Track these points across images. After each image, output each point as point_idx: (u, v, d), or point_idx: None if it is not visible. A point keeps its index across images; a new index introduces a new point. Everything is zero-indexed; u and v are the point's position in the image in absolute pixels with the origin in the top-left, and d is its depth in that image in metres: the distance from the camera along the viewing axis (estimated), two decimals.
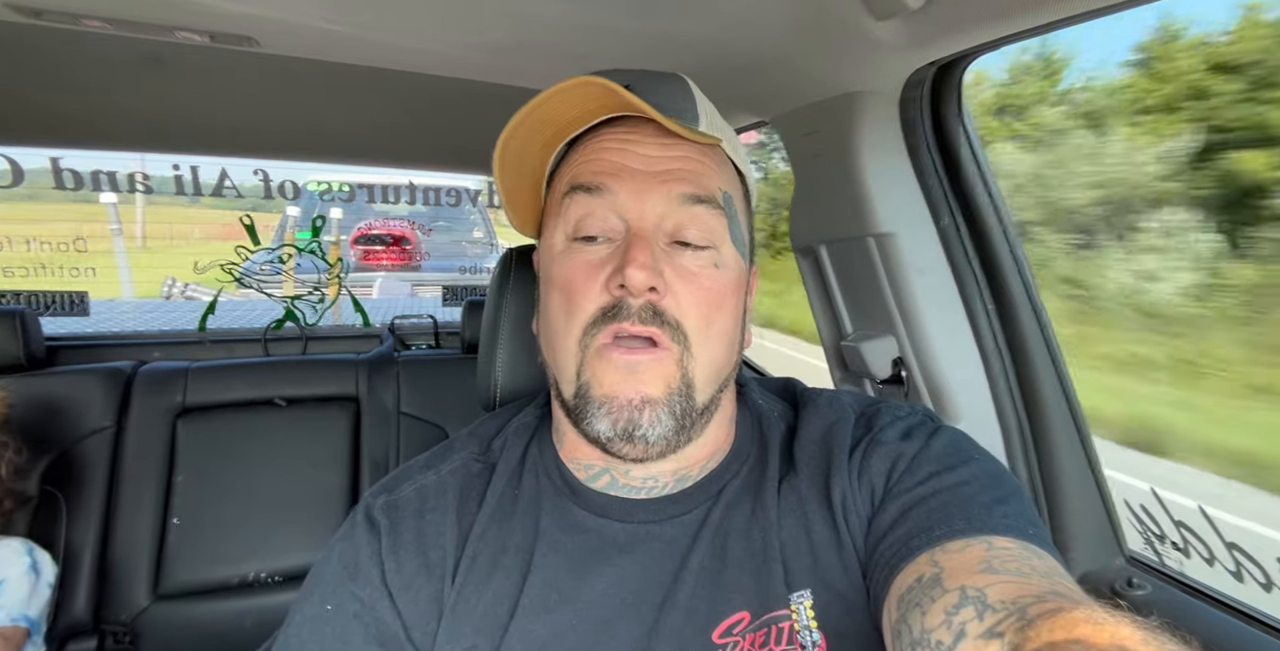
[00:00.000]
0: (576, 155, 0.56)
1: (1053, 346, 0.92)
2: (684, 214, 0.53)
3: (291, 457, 1.66)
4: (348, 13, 0.84)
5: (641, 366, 0.51)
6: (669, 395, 0.51)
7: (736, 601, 0.52)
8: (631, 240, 0.51)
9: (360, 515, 0.58)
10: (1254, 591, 0.80)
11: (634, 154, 0.54)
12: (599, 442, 0.52)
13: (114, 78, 1.22)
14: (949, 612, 0.40)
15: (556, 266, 0.55)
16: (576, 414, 0.53)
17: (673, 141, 0.54)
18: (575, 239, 0.54)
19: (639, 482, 0.57)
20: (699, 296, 0.53)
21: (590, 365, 0.52)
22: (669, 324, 0.51)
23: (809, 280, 1.15)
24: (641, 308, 0.50)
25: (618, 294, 0.51)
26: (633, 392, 0.50)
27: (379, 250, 4.75)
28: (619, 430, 0.51)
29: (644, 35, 0.87)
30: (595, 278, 0.52)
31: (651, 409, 0.51)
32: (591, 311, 0.52)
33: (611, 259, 0.52)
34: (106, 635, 1.46)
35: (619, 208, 0.53)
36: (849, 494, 0.54)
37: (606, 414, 0.51)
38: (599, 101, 0.52)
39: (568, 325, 0.53)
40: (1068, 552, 0.89)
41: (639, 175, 0.53)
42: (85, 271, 2.55)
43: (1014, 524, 0.47)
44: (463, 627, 0.52)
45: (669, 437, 0.51)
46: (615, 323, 0.50)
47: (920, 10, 0.69)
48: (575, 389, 0.53)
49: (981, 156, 0.93)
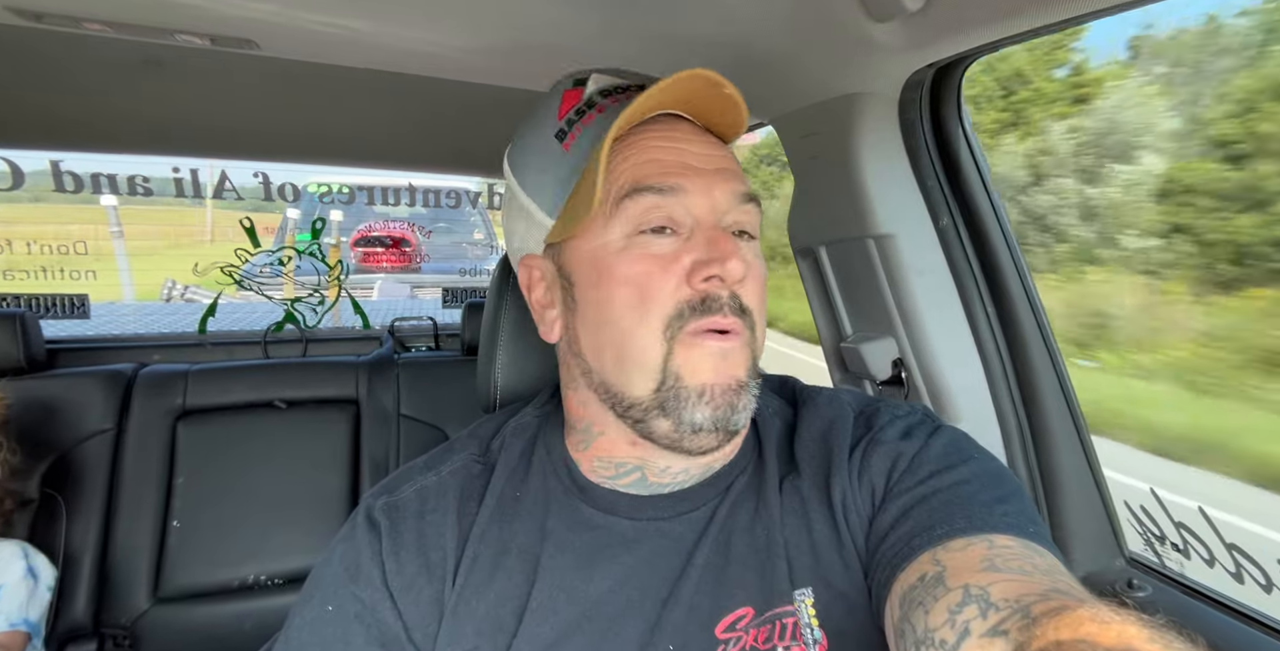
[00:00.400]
0: (624, 154, 0.54)
1: (1052, 347, 0.92)
2: (741, 211, 0.55)
3: (291, 460, 1.66)
4: (347, 15, 0.84)
5: (733, 352, 0.52)
6: (750, 377, 0.53)
7: (740, 597, 0.52)
8: (712, 233, 0.52)
9: (361, 516, 0.58)
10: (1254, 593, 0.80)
11: (690, 152, 0.54)
12: (672, 435, 0.52)
13: (114, 80, 1.22)
14: (952, 611, 0.40)
15: (620, 262, 0.52)
16: (660, 407, 0.52)
17: (712, 140, 0.56)
18: (639, 232, 0.52)
19: (670, 478, 0.57)
20: (758, 285, 0.55)
21: (680, 355, 0.51)
22: (745, 311, 0.53)
23: (808, 281, 1.15)
24: (731, 298, 0.51)
25: (703, 287, 0.51)
26: (729, 378, 0.51)
27: (379, 252, 4.75)
28: (718, 416, 0.51)
29: (642, 37, 0.88)
30: (671, 270, 0.51)
31: (744, 393, 0.52)
32: (672, 305, 0.51)
33: (688, 250, 0.52)
34: (106, 638, 1.45)
35: (687, 205, 0.53)
36: (849, 493, 0.54)
37: (708, 402, 0.51)
38: (682, 93, 0.53)
39: (643, 320, 0.51)
40: (1068, 554, 0.89)
41: (703, 173, 0.53)
42: (86, 274, 2.55)
43: (1015, 522, 0.48)
44: (464, 629, 0.52)
45: (745, 421, 0.53)
46: (707, 316, 0.50)
47: (919, 12, 0.69)
48: (660, 382, 0.51)
49: (980, 157, 0.93)
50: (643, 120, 0.56)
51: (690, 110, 0.56)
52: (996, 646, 0.36)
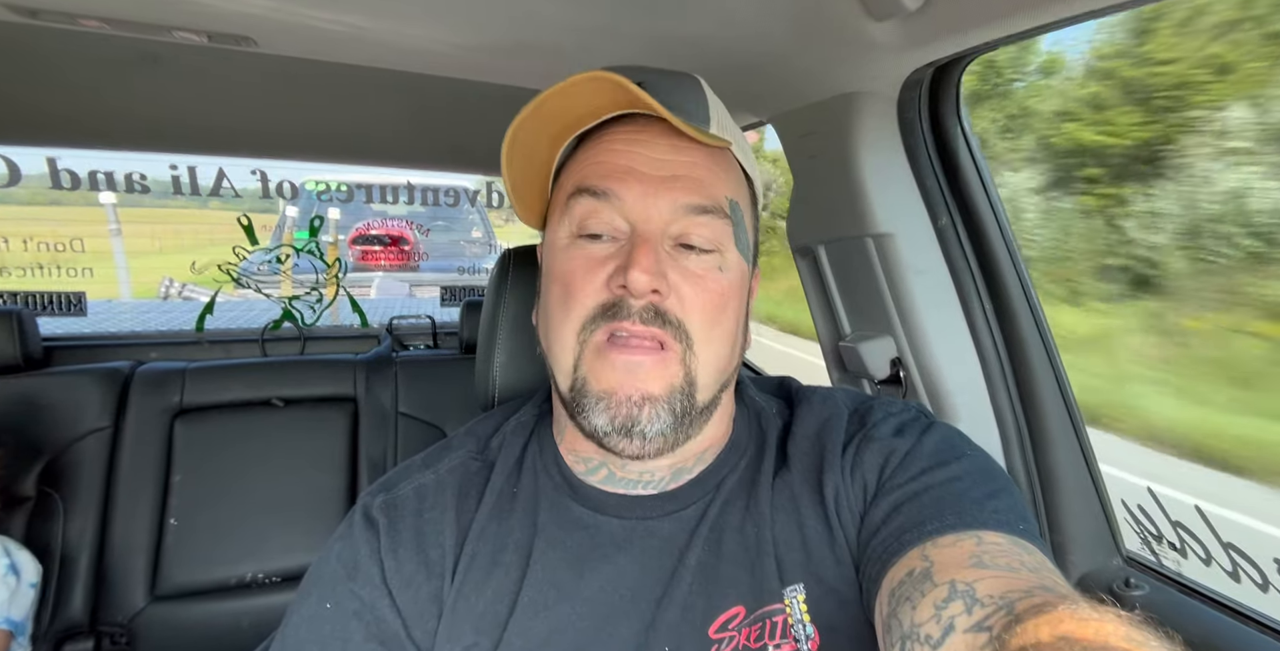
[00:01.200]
0: (584, 153, 0.56)
1: (1050, 346, 0.92)
2: (689, 222, 0.53)
3: (289, 458, 1.66)
4: (346, 12, 0.84)
5: (643, 367, 0.51)
6: (670, 393, 0.51)
7: (732, 596, 0.52)
8: (636, 242, 0.51)
9: (358, 514, 0.58)
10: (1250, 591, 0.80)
11: (642, 156, 0.53)
12: (595, 436, 0.52)
13: (111, 78, 1.22)
14: (938, 606, 0.40)
15: (559, 260, 0.55)
16: (573, 406, 0.53)
17: (683, 144, 0.54)
18: (579, 235, 0.54)
19: (636, 476, 0.57)
20: (704, 298, 0.53)
21: (588, 362, 0.52)
22: (671, 324, 0.51)
23: (807, 280, 1.15)
24: (643, 308, 0.51)
25: (619, 293, 0.51)
26: (632, 389, 0.51)
27: (377, 250, 4.74)
28: (616, 425, 0.51)
29: (642, 35, 0.87)
30: (596, 273, 0.52)
31: (651, 406, 0.51)
32: (590, 306, 0.52)
33: (615, 257, 0.52)
34: (103, 636, 1.45)
35: (625, 211, 0.53)
36: (841, 489, 0.54)
37: (605, 409, 0.51)
38: (609, 97, 0.52)
39: (565, 318, 0.53)
40: (1065, 553, 0.89)
41: (646, 179, 0.53)
42: (83, 271, 2.54)
43: (1004, 519, 0.48)
44: (463, 625, 0.52)
45: (667, 434, 0.52)
46: (615, 321, 0.51)
47: (918, 11, 0.69)
48: (572, 382, 0.53)
49: (979, 157, 0.93)
50: (620, 115, 0.56)
51: (639, 107, 0.54)
52: (980, 642, 0.37)
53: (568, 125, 0.56)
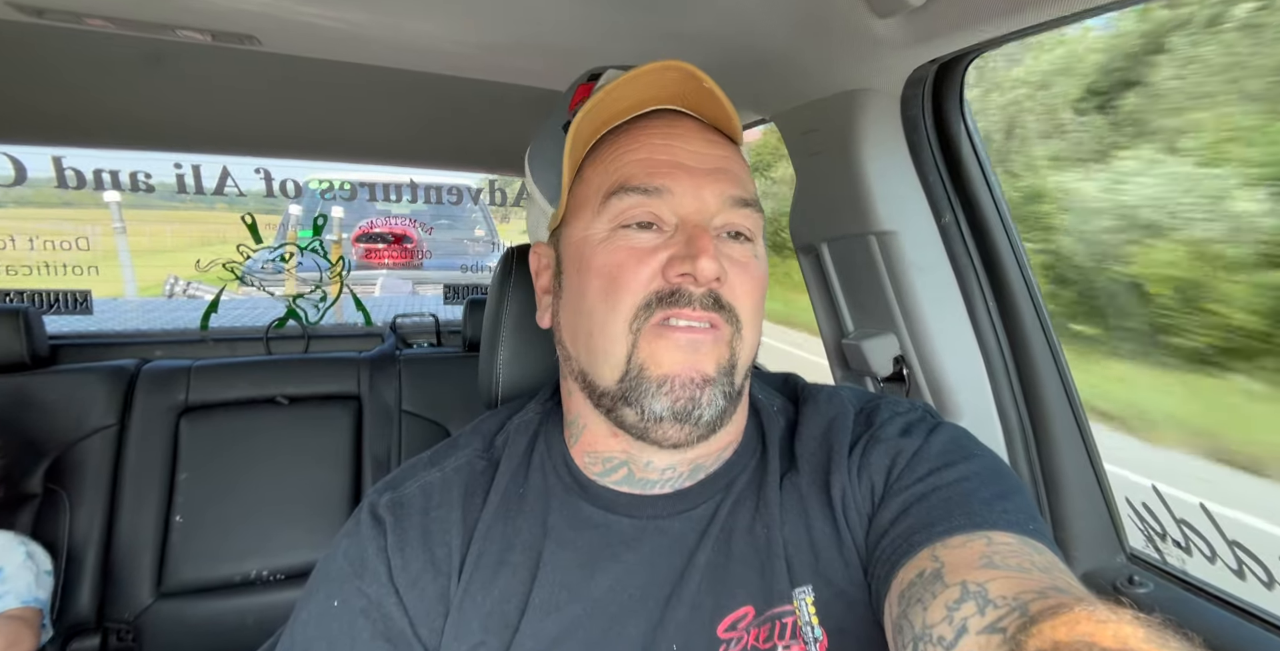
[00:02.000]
0: (618, 150, 0.55)
1: (1054, 344, 0.91)
2: (733, 213, 0.54)
3: (294, 456, 1.66)
4: (349, 11, 0.84)
5: (704, 345, 0.51)
6: (720, 374, 0.52)
7: (741, 596, 0.52)
8: (694, 231, 0.52)
9: (365, 512, 0.58)
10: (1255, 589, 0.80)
11: (684, 150, 0.54)
12: (639, 426, 0.52)
13: (116, 77, 1.22)
14: (950, 608, 0.40)
15: (600, 253, 0.54)
16: (623, 397, 0.52)
17: (714, 138, 0.56)
18: (622, 226, 0.53)
19: (656, 474, 0.57)
20: (750, 284, 0.54)
21: (646, 345, 0.51)
22: (725, 308, 0.52)
23: (810, 278, 1.15)
24: (704, 295, 0.51)
25: (677, 281, 0.51)
26: (694, 371, 0.51)
27: (381, 248, 4.74)
28: (677, 409, 0.51)
29: (645, 33, 0.87)
30: (647, 262, 0.52)
31: (710, 388, 0.51)
32: (642, 295, 0.52)
33: (667, 246, 0.52)
34: (110, 633, 1.46)
35: (675, 204, 0.53)
36: (849, 491, 0.54)
37: (667, 392, 0.51)
38: (654, 90, 0.53)
39: (612, 309, 0.52)
40: (1069, 551, 0.89)
41: (693, 171, 0.53)
42: (88, 270, 2.55)
43: (1014, 519, 0.48)
44: (470, 624, 0.52)
45: (716, 419, 0.52)
46: (674, 307, 0.51)
47: (922, 8, 0.69)
48: (624, 371, 0.52)
49: (983, 154, 0.93)
50: (640, 114, 0.56)
51: (689, 106, 0.56)
52: (994, 643, 0.37)
53: (605, 121, 0.56)
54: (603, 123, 0.56)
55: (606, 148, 0.56)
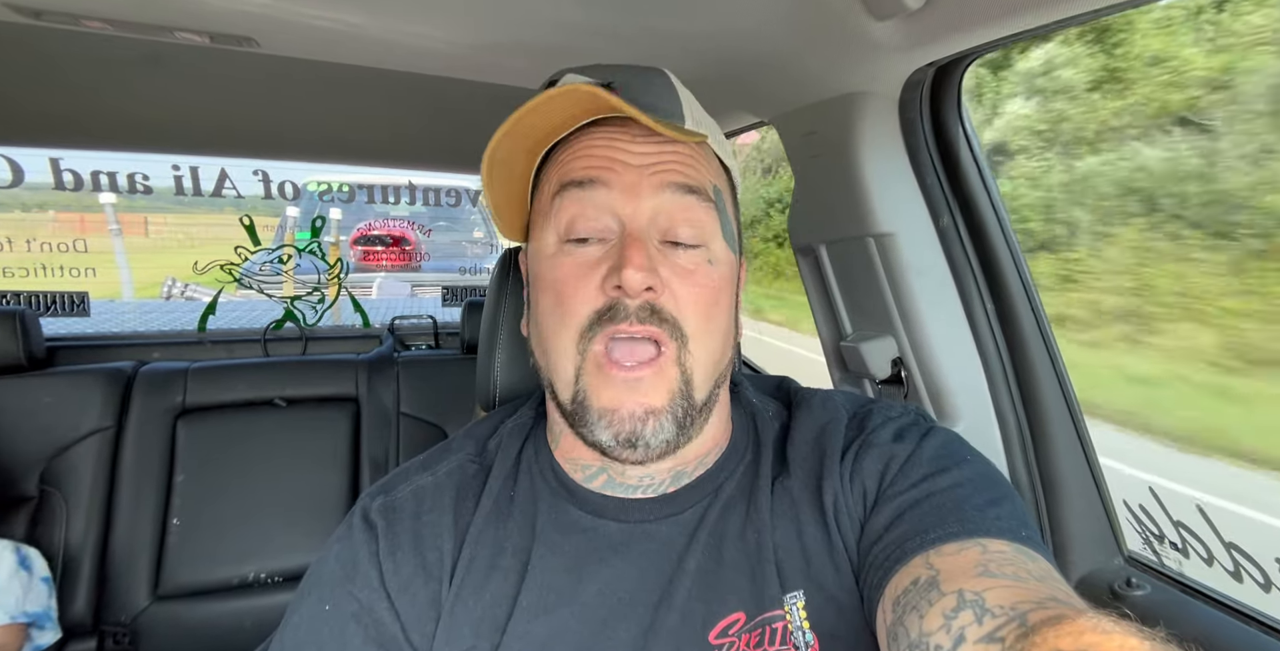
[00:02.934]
0: (562, 155, 0.56)
1: (1052, 346, 0.92)
2: (676, 206, 0.53)
3: (291, 458, 1.66)
4: (347, 13, 0.84)
5: (644, 382, 0.51)
6: (671, 401, 0.51)
7: (732, 602, 0.52)
8: (626, 240, 0.51)
9: (357, 516, 0.58)
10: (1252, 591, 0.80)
11: (623, 149, 0.53)
12: (596, 447, 0.52)
13: (114, 78, 1.22)
14: (947, 616, 0.40)
15: (548, 268, 0.54)
16: (574, 419, 0.53)
17: (662, 138, 0.54)
18: (567, 240, 0.53)
19: (635, 481, 0.57)
20: (695, 293, 0.53)
21: (589, 377, 0.51)
22: (667, 321, 0.51)
23: (808, 280, 1.15)
24: (639, 307, 0.50)
25: (613, 294, 0.51)
26: (635, 405, 0.50)
27: (379, 251, 4.74)
28: (620, 439, 0.51)
29: (643, 35, 0.88)
30: (589, 279, 0.52)
31: (655, 418, 0.51)
32: (586, 314, 0.51)
33: (605, 259, 0.52)
34: (106, 635, 1.46)
35: (612, 204, 0.52)
36: (841, 496, 0.54)
37: (608, 425, 0.51)
38: (583, 106, 0.52)
39: (561, 328, 0.52)
40: (1067, 553, 0.89)
41: (631, 169, 0.53)
42: (85, 271, 2.54)
43: (1007, 526, 0.48)
44: (461, 629, 0.52)
45: (670, 441, 0.51)
46: (613, 324, 0.50)
47: (920, 11, 0.69)
48: (572, 395, 0.52)
49: (981, 156, 0.93)
50: (596, 120, 0.56)
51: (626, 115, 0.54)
52: None
53: (542, 138, 0.56)
54: (537, 142, 0.56)
55: (556, 155, 0.57)
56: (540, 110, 0.51)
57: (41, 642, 1.27)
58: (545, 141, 0.57)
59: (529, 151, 0.56)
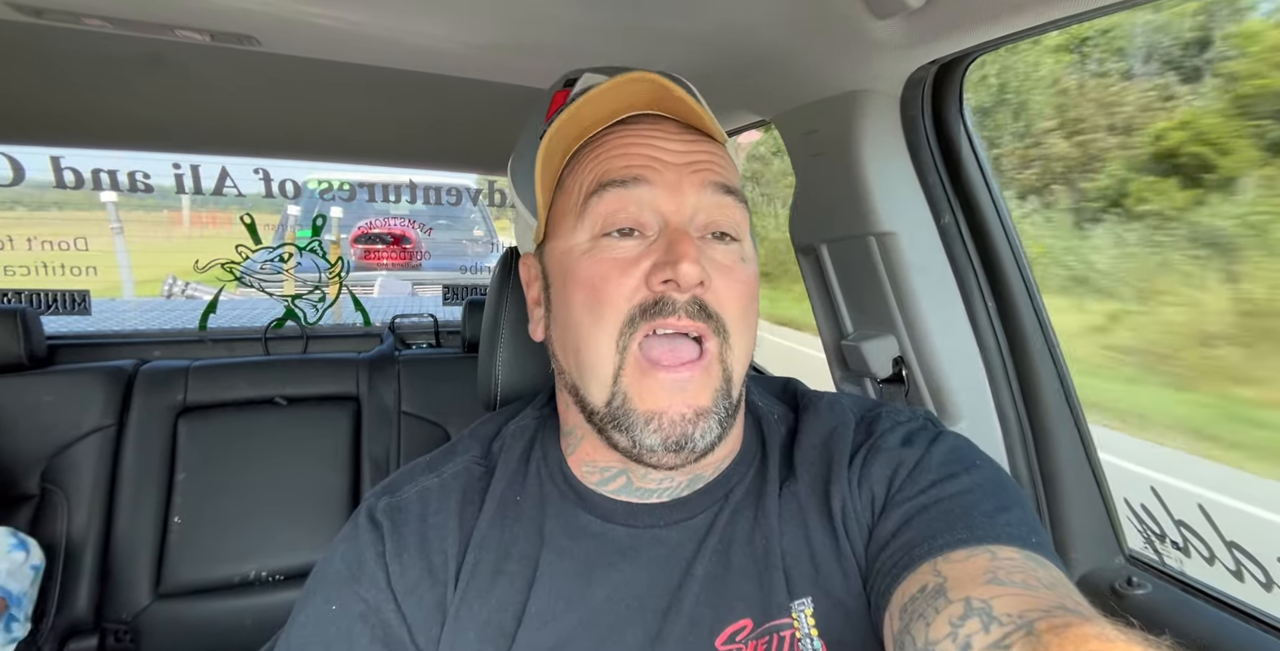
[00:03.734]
0: (596, 153, 0.54)
1: (1053, 345, 0.92)
2: (715, 205, 0.53)
3: (292, 456, 1.66)
4: (348, 11, 0.84)
5: (692, 384, 0.50)
6: (716, 401, 0.51)
7: (739, 609, 0.52)
8: (673, 235, 0.50)
9: (363, 517, 0.58)
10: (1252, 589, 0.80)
11: (661, 148, 0.53)
12: (632, 452, 0.51)
13: (114, 77, 1.22)
14: (954, 624, 0.40)
15: (584, 265, 0.52)
16: (613, 423, 0.51)
17: (694, 138, 0.54)
18: (604, 235, 0.52)
19: (654, 484, 0.56)
20: (737, 289, 0.53)
21: (630, 378, 0.50)
22: (712, 317, 0.51)
23: (809, 279, 1.15)
24: (689, 303, 0.50)
25: (660, 289, 0.50)
26: (685, 407, 0.50)
27: (380, 249, 4.74)
28: (669, 443, 0.50)
29: (645, 34, 0.87)
30: (631, 273, 0.51)
31: (704, 420, 0.50)
32: (627, 308, 0.50)
33: (649, 254, 0.51)
34: (108, 633, 1.46)
35: (654, 201, 0.51)
36: (849, 501, 0.54)
37: (656, 429, 0.50)
38: (629, 99, 0.52)
39: (597, 325, 0.51)
40: (1068, 552, 0.89)
41: (671, 167, 0.52)
42: (86, 270, 2.55)
43: (1017, 532, 0.47)
44: (466, 633, 0.52)
45: (714, 443, 0.51)
46: (659, 318, 0.49)
47: (921, 9, 0.69)
48: (610, 397, 0.51)
49: (982, 155, 0.93)
50: (620, 119, 0.55)
51: (666, 109, 0.55)
52: None
53: (583, 131, 0.55)
54: (577, 135, 0.55)
55: (586, 154, 0.55)
56: (597, 100, 0.50)
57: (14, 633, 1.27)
58: (581, 137, 0.56)
59: (568, 144, 0.55)
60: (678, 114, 0.55)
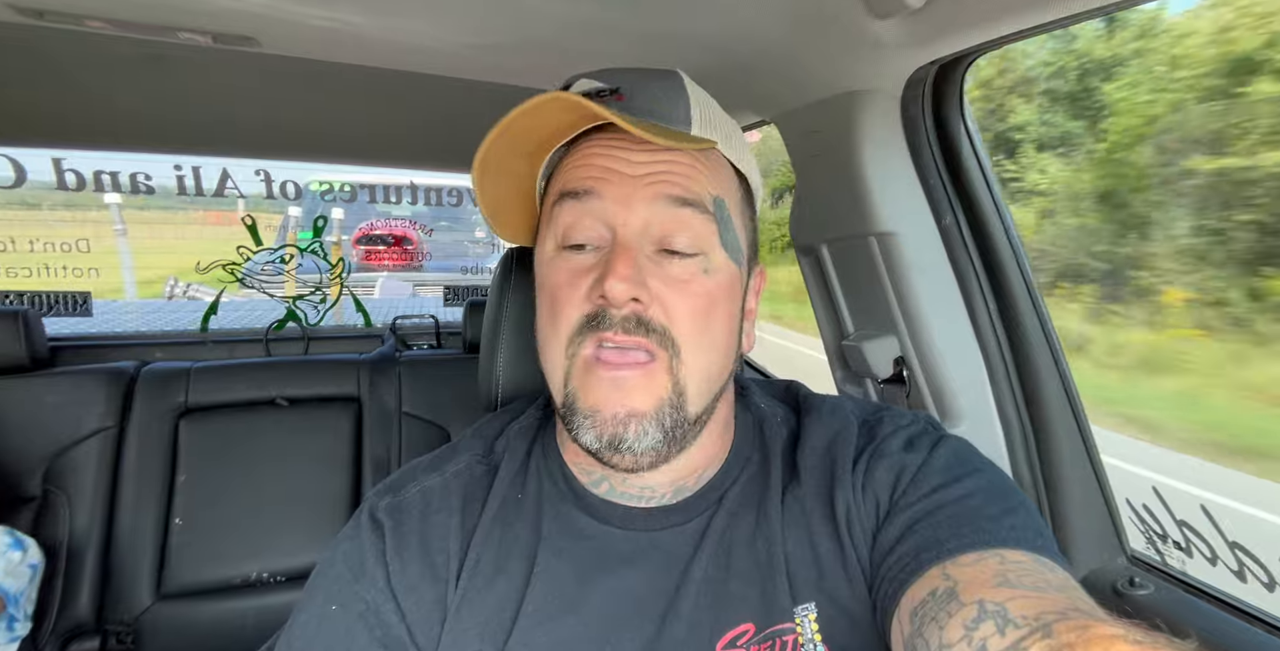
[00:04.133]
0: (567, 162, 0.56)
1: (1054, 345, 0.91)
2: (669, 217, 0.52)
3: (293, 458, 1.66)
4: (348, 13, 0.84)
5: (629, 382, 0.50)
6: (659, 408, 0.50)
7: (741, 613, 0.52)
8: (615, 250, 0.50)
9: (365, 516, 0.58)
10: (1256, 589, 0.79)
11: (621, 159, 0.53)
12: (588, 451, 0.52)
13: (115, 78, 1.22)
14: (968, 627, 0.39)
15: (546, 274, 0.55)
16: (566, 421, 0.53)
17: (662, 146, 0.53)
18: (564, 247, 0.54)
19: (636, 491, 0.57)
20: (690, 303, 0.52)
21: (577, 377, 0.52)
22: (655, 331, 0.50)
23: (810, 279, 1.15)
24: (625, 318, 0.50)
25: (599, 303, 0.50)
26: (618, 406, 0.50)
27: (381, 250, 4.74)
28: (604, 442, 0.50)
29: (645, 34, 0.87)
30: (579, 285, 0.52)
31: (638, 422, 0.50)
32: (575, 319, 0.51)
33: (596, 267, 0.52)
34: (109, 635, 1.46)
35: (606, 213, 0.52)
36: (853, 506, 0.54)
37: (591, 426, 0.50)
38: (577, 112, 0.52)
39: (553, 332, 0.53)
40: (1070, 552, 0.89)
41: (626, 179, 0.52)
42: (88, 272, 2.55)
43: (1023, 535, 0.47)
44: (466, 632, 0.52)
45: (657, 449, 0.51)
46: (599, 331, 0.50)
47: (921, 9, 0.69)
48: (564, 397, 0.53)
49: (983, 155, 0.93)
50: (595, 127, 0.56)
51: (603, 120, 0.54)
52: None
53: (542, 141, 0.56)
54: (538, 145, 0.56)
55: (563, 161, 0.57)
56: (530, 114, 0.50)
57: (15, 632, 1.27)
58: (546, 146, 0.57)
59: (529, 155, 0.57)
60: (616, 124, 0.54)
